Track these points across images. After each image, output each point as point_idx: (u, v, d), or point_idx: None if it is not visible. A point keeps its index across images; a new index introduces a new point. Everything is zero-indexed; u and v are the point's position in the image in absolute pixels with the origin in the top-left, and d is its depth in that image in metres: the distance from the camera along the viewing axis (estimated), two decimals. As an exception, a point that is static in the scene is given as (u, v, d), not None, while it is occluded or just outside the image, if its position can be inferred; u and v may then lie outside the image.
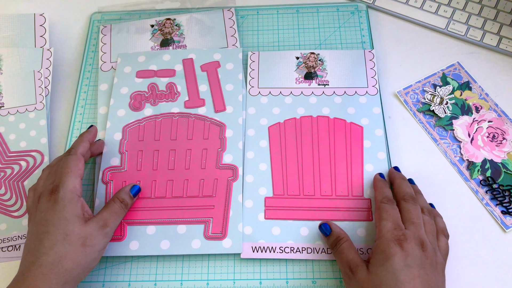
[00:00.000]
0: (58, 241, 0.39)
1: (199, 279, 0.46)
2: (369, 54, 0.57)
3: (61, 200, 0.41)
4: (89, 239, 0.41)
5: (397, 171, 0.49)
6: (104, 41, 0.60)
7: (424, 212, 0.44)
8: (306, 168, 0.51)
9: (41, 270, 0.38)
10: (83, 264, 0.40)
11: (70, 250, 0.40)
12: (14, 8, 0.65)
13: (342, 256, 0.42)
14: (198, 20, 0.61)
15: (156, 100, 0.55)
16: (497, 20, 0.59)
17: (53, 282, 0.38)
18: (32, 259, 0.39)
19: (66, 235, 0.40)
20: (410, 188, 0.46)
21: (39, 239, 0.40)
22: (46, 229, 0.40)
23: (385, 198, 0.44)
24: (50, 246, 0.39)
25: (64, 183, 0.42)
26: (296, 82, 0.56)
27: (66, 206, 0.41)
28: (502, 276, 0.46)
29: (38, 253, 0.39)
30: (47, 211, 0.41)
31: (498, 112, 0.54)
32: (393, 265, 0.38)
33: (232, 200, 0.49)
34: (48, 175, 0.45)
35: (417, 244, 0.39)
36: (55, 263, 0.39)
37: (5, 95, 0.56)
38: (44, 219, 0.41)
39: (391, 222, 0.41)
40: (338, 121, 0.53)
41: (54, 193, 0.41)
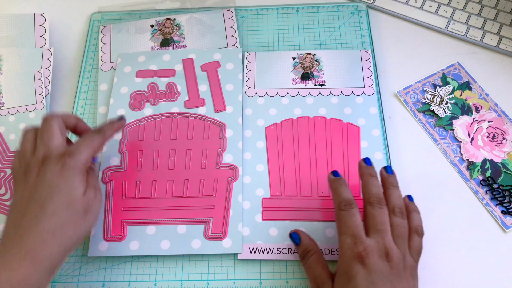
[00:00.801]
0: (62, 207, 0.38)
1: (199, 279, 0.46)
2: (366, 54, 0.57)
3: (71, 167, 0.39)
4: (90, 206, 0.40)
5: (366, 165, 0.44)
6: (104, 41, 0.60)
7: (395, 212, 0.41)
8: (303, 169, 0.51)
9: (42, 236, 0.37)
10: (83, 231, 0.40)
11: (73, 218, 0.39)
12: (14, 8, 0.65)
13: (309, 270, 0.41)
14: (198, 20, 0.61)
15: (156, 100, 0.55)
16: (497, 20, 0.59)
17: (54, 249, 0.37)
18: (29, 224, 0.37)
19: (70, 202, 0.39)
20: (377, 187, 0.42)
21: (40, 203, 0.38)
22: (49, 194, 0.38)
23: (342, 203, 0.41)
24: (52, 212, 0.38)
25: (81, 154, 0.41)
26: (293, 82, 0.56)
27: (75, 175, 0.40)
28: (502, 276, 0.46)
29: (37, 218, 0.37)
30: (54, 174, 0.39)
31: (498, 112, 0.54)
32: (356, 285, 0.36)
33: (232, 200, 0.49)
34: (50, 139, 0.41)
35: (381, 256, 0.37)
36: (57, 230, 0.37)
37: (5, 95, 0.56)
38: (49, 183, 0.39)
39: (350, 236, 0.38)
40: (334, 121, 0.53)
41: (67, 158, 0.40)
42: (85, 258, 0.48)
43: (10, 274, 0.35)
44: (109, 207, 0.49)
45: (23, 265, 0.35)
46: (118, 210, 0.49)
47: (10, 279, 0.34)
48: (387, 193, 0.43)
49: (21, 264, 0.35)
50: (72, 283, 0.47)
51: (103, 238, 0.48)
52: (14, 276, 0.35)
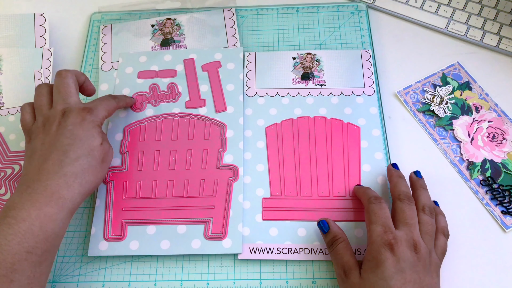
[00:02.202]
0: (83, 154, 0.42)
1: (199, 279, 0.46)
2: (366, 54, 0.57)
3: (91, 121, 0.44)
4: (106, 156, 0.45)
5: (395, 169, 0.48)
6: (104, 41, 0.60)
7: (424, 211, 0.43)
8: (303, 169, 0.51)
9: (65, 179, 0.40)
10: (99, 178, 0.44)
11: (92, 164, 0.43)
12: (14, 8, 0.65)
13: (337, 257, 0.42)
14: (199, 20, 0.61)
15: (157, 100, 0.55)
16: (497, 20, 0.59)
17: (76, 191, 0.41)
18: (54, 168, 0.40)
19: (90, 150, 0.43)
20: (406, 187, 0.45)
21: (63, 151, 0.41)
22: (71, 142, 0.42)
23: (372, 198, 0.43)
24: (75, 158, 0.41)
25: (99, 111, 0.46)
26: (293, 82, 0.56)
27: (94, 127, 0.44)
28: (502, 276, 0.46)
29: (62, 163, 0.41)
30: (75, 126, 0.43)
31: (498, 112, 0.54)
32: (384, 271, 0.38)
33: (232, 200, 0.49)
34: (69, 96, 0.45)
35: (409, 246, 0.39)
36: (79, 174, 0.41)
37: (5, 95, 0.56)
38: (71, 133, 0.42)
39: (381, 225, 0.40)
40: (335, 121, 0.53)
41: (88, 112, 0.44)
42: (85, 258, 0.48)
43: (38, 212, 0.38)
44: (110, 207, 0.49)
45: (50, 204, 0.39)
46: (118, 210, 0.49)
47: (39, 217, 0.38)
48: (417, 193, 0.45)
49: (48, 203, 0.39)
50: (72, 283, 0.47)
51: (103, 237, 0.48)
52: (42, 214, 0.38)
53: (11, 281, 0.36)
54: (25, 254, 0.37)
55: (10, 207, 0.39)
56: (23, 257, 0.36)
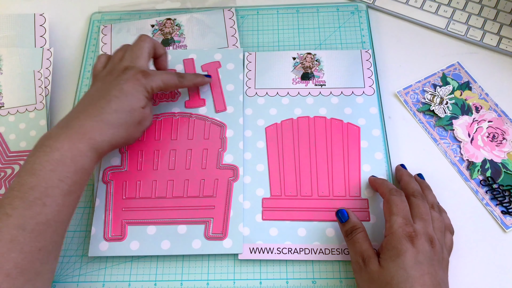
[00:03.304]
0: (124, 109, 0.44)
1: (199, 279, 0.46)
2: (366, 54, 0.57)
3: (143, 84, 0.45)
4: (144, 119, 0.47)
5: (404, 168, 0.49)
6: (104, 41, 0.60)
7: (434, 209, 0.44)
8: (303, 169, 0.51)
9: (100, 125, 0.42)
10: (131, 137, 0.46)
11: (128, 121, 0.45)
12: (14, 8, 0.65)
13: (356, 245, 0.42)
14: (199, 20, 0.61)
15: (157, 100, 0.55)
16: (497, 20, 0.59)
17: (107, 139, 0.43)
18: (94, 112, 0.43)
19: (132, 108, 0.45)
20: (418, 185, 0.46)
21: (108, 100, 0.43)
22: (118, 95, 0.44)
23: (393, 190, 0.44)
24: (115, 109, 0.43)
25: (155, 81, 0.47)
26: (293, 82, 0.56)
27: (143, 92, 0.46)
28: (502, 276, 0.46)
29: (102, 110, 0.43)
30: (127, 82, 0.45)
31: (498, 112, 0.54)
32: (405, 261, 0.38)
33: (232, 200, 0.49)
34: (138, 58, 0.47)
35: (427, 240, 0.40)
36: (114, 125, 0.43)
37: (5, 95, 0.56)
38: (121, 87, 0.44)
39: (402, 217, 0.41)
40: (335, 121, 0.53)
41: (144, 76, 0.46)
42: (85, 258, 0.48)
43: (71, 146, 0.40)
44: (110, 207, 0.49)
45: (82, 142, 0.41)
46: (118, 210, 0.49)
47: (71, 149, 0.40)
48: (424, 193, 0.46)
49: (81, 141, 0.41)
50: (72, 283, 0.47)
51: (103, 238, 0.48)
52: (74, 147, 0.41)
53: (44, 205, 0.38)
54: (57, 181, 0.39)
55: (47, 137, 0.41)
56: (55, 183, 0.39)
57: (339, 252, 0.46)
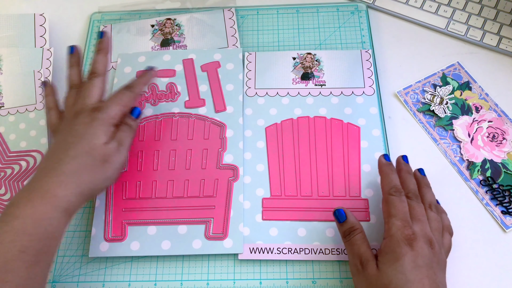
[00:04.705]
0: (82, 152, 0.42)
1: (199, 279, 0.47)
2: (366, 54, 0.57)
3: (98, 119, 0.44)
4: (109, 156, 0.44)
5: (405, 163, 0.47)
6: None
7: (431, 209, 0.44)
8: (303, 169, 0.51)
9: (61, 178, 0.40)
10: (100, 179, 0.43)
11: (91, 163, 0.42)
12: (14, 8, 0.65)
13: (354, 247, 0.42)
14: (199, 20, 0.61)
15: (157, 100, 0.55)
16: (497, 20, 0.59)
17: (71, 190, 0.40)
18: (53, 166, 0.41)
19: (91, 149, 0.42)
20: (414, 184, 0.45)
21: (65, 149, 0.42)
22: (74, 140, 0.42)
23: (393, 189, 0.43)
24: (74, 156, 0.41)
25: (109, 109, 0.45)
26: (293, 82, 0.56)
27: (101, 125, 0.44)
28: (502, 276, 0.46)
29: (60, 161, 0.41)
30: (82, 125, 0.43)
31: (498, 112, 0.54)
32: (403, 265, 0.38)
33: (232, 200, 0.49)
34: (88, 97, 0.46)
35: (426, 242, 0.39)
36: (75, 173, 0.41)
37: (5, 95, 0.56)
38: (77, 132, 0.43)
39: (400, 219, 0.40)
40: (335, 121, 0.53)
41: (97, 112, 0.44)
42: (85, 258, 0.48)
43: (33, 211, 0.38)
44: (110, 207, 0.49)
45: (43, 202, 0.38)
46: (119, 211, 0.49)
47: (33, 215, 0.38)
48: (423, 191, 0.46)
49: (42, 201, 0.38)
50: (72, 283, 0.47)
51: (103, 238, 0.48)
52: (35, 212, 0.38)
53: (5, 282, 0.35)
54: (17, 253, 0.36)
55: (9, 205, 0.39)
56: (15, 256, 0.35)
57: (339, 252, 0.46)
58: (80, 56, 0.50)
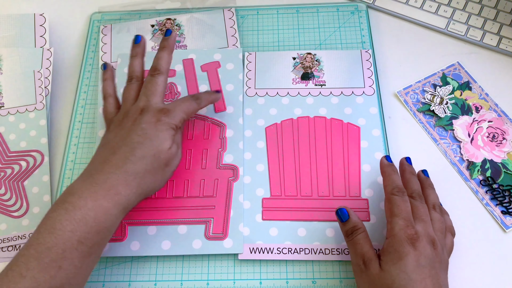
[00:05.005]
0: (149, 155, 0.42)
1: (199, 279, 0.47)
2: (366, 54, 0.57)
3: (166, 123, 0.43)
4: (171, 160, 0.44)
5: (408, 164, 0.47)
6: (104, 41, 0.60)
7: (435, 209, 0.44)
8: (303, 169, 0.51)
9: (125, 176, 0.40)
10: (159, 182, 0.44)
11: (155, 167, 0.42)
12: (14, 8, 0.65)
13: (356, 246, 0.42)
14: (199, 20, 0.61)
15: (156, 100, 0.55)
16: (497, 20, 0.59)
17: (133, 190, 0.41)
18: (118, 163, 0.41)
19: (157, 151, 0.42)
20: (418, 185, 0.45)
21: (131, 148, 0.42)
22: (141, 140, 0.42)
23: (396, 189, 0.43)
24: (140, 157, 0.41)
25: (177, 116, 0.45)
26: (293, 82, 0.56)
27: (168, 129, 0.43)
28: (502, 276, 0.46)
29: (127, 160, 0.41)
30: (149, 125, 0.43)
31: (498, 112, 0.54)
32: (406, 264, 0.38)
33: (232, 200, 0.49)
34: (153, 95, 0.45)
35: (429, 242, 0.39)
36: (139, 174, 0.41)
37: (5, 95, 0.56)
38: (144, 132, 0.42)
39: (403, 219, 0.40)
40: (335, 121, 0.53)
41: (165, 115, 0.44)
42: (86, 258, 0.48)
43: (94, 204, 0.38)
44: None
45: (106, 198, 0.39)
46: (118, 210, 0.49)
47: (94, 208, 0.38)
48: (426, 192, 0.46)
49: (105, 197, 0.39)
50: (72, 283, 0.47)
51: (103, 238, 0.48)
52: (98, 205, 0.38)
53: (60, 268, 0.36)
54: (76, 243, 0.37)
55: (70, 192, 0.39)
56: (74, 245, 0.37)
57: (339, 252, 0.46)
58: (145, 48, 0.50)
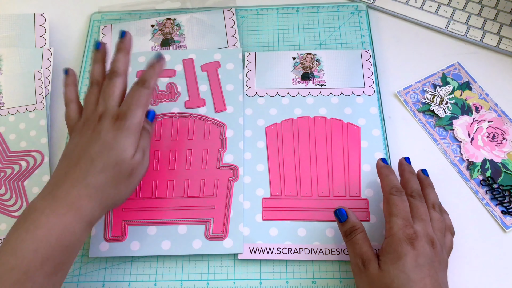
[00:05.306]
0: (110, 166, 0.40)
1: (199, 279, 0.47)
2: (366, 54, 0.57)
3: (125, 129, 0.41)
4: (135, 169, 0.42)
5: (407, 163, 0.47)
6: (104, 41, 0.60)
7: (434, 208, 0.44)
8: (303, 169, 0.51)
9: (87, 191, 0.39)
10: (124, 193, 0.42)
11: (118, 177, 0.41)
12: (14, 8, 0.65)
13: (355, 247, 0.42)
14: (199, 20, 0.61)
15: (156, 100, 0.55)
16: (497, 20, 0.59)
17: (97, 204, 0.39)
18: (78, 177, 0.39)
19: (119, 162, 0.40)
20: (418, 184, 0.45)
21: (92, 159, 0.40)
22: (100, 150, 0.40)
23: (394, 189, 0.43)
24: (101, 169, 0.40)
25: (134, 115, 0.42)
26: (293, 82, 0.56)
27: (129, 137, 0.41)
28: (502, 276, 0.46)
29: (87, 173, 0.39)
30: (107, 134, 0.41)
31: (498, 112, 0.54)
32: (405, 264, 0.38)
33: (232, 200, 0.49)
34: (110, 98, 0.43)
35: (428, 242, 0.39)
36: (101, 187, 0.40)
37: (5, 95, 0.56)
38: (103, 141, 0.40)
39: (402, 218, 0.40)
40: (335, 121, 0.53)
41: (122, 120, 0.41)
42: (85, 258, 0.48)
43: (57, 221, 0.37)
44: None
45: (69, 214, 0.38)
46: (119, 211, 0.49)
47: (57, 226, 0.37)
48: (426, 191, 0.46)
49: (67, 213, 0.38)
50: (72, 283, 0.47)
51: (103, 238, 0.48)
52: (60, 223, 0.37)
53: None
54: (40, 262, 0.35)
55: (31, 210, 0.38)
56: (37, 265, 0.35)
57: (339, 252, 0.46)
58: (107, 54, 0.48)
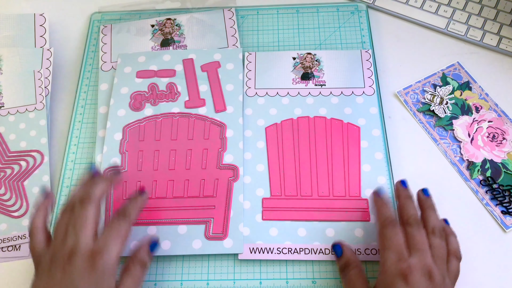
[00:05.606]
0: None
1: (199, 279, 0.47)
2: (366, 54, 0.57)
3: (101, 270, 0.36)
4: None
5: (403, 187, 0.44)
6: (104, 41, 0.60)
7: (434, 233, 0.41)
8: (303, 169, 0.51)
9: None
10: None
11: None
12: (14, 8, 0.65)
13: (350, 283, 0.41)
14: (199, 20, 0.61)
15: (157, 100, 0.55)
16: (497, 20, 0.59)
17: None
18: None
19: None
20: (414, 209, 0.42)
21: None
22: None
23: (386, 221, 0.41)
24: None
25: (110, 251, 0.37)
26: (293, 82, 0.56)
27: (105, 279, 0.36)
28: (502, 276, 0.46)
29: None
30: (81, 276, 0.36)
31: (498, 112, 0.54)
32: None
33: (232, 200, 0.49)
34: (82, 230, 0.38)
35: (424, 274, 0.37)
36: None
37: (5, 95, 0.56)
38: (74, 284, 0.35)
39: (395, 252, 0.38)
40: (335, 121, 0.53)
41: (96, 258, 0.36)
42: (86, 258, 0.48)
43: None
44: (110, 207, 0.49)
45: None
46: (118, 210, 0.49)
47: None
48: (426, 214, 0.43)
49: None
50: (72, 283, 0.47)
51: (103, 238, 0.48)
52: None
53: None
54: None
55: None
56: None
57: (339, 252, 0.46)
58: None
